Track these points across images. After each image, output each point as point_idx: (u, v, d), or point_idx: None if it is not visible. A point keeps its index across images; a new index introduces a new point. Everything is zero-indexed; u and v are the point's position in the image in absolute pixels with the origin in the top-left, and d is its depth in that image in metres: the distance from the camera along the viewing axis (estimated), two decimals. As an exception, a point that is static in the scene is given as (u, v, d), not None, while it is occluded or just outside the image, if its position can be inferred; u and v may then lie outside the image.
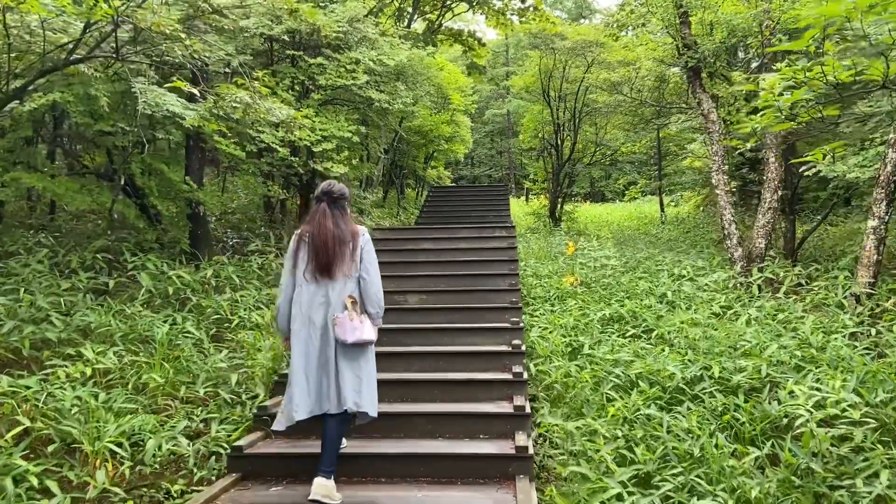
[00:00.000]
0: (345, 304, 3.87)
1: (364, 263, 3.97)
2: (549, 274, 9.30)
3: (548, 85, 15.11)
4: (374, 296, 3.97)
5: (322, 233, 3.88)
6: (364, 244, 4.00)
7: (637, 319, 7.29)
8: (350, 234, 3.96)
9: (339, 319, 3.82)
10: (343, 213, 4.01)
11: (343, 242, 3.90)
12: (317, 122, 8.60)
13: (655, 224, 18.70)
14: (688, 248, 12.45)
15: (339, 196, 4.02)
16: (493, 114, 30.96)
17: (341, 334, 3.80)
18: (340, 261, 3.89)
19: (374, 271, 4.00)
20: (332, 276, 3.87)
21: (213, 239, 9.68)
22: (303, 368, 3.84)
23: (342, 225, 3.94)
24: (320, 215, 3.95)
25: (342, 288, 3.90)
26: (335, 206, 3.99)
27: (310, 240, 3.93)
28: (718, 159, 8.79)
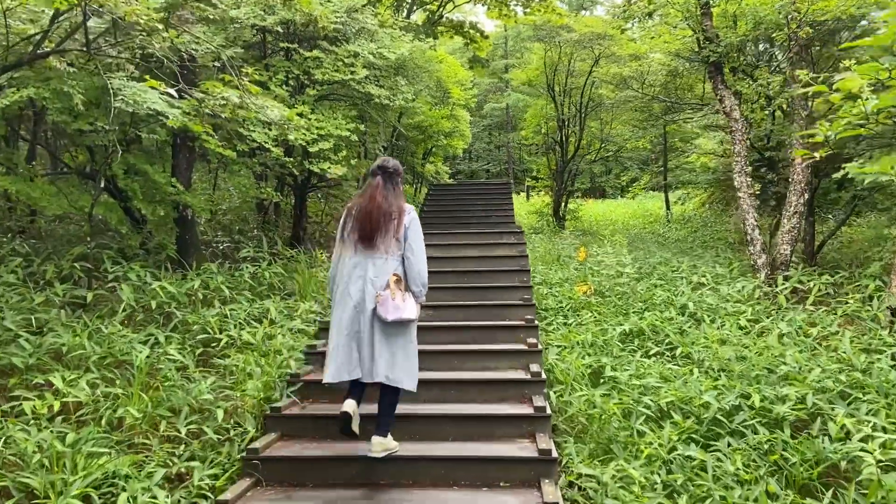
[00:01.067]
0: (387, 281, 3.92)
1: (409, 241, 4.04)
2: (560, 281, 8.76)
3: (552, 79, 14.53)
4: (417, 274, 4.04)
5: (369, 204, 4.00)
6: (409, 222, 4.07)
7: (658, 334, 6.76)
8: (397, 209, 4.04)
9: (381, 297, 3.88)
10: (395, 188, 4.14)
11: (388, 216, 3.98)
12: (313, 119, 8.01)
13: (661, 223, 18.18)
14: (700, 250, 11.92)
15: (394, 171, 4.16)
16: (491, 107, 30.34)
17: (383, 313, 3.86)
18: (383, 234, 3.97)
19: (420, 249, 4.07)
20: (373, 247, 3.95)
21: (202, 244, 9.10)
22: (335, 336, 3.96)
23: (391, 199, 4.05)
24: (373, 189, 4.07)
25: (383, 264, 3.97)
26: (389, 180, 4.12)
27: (357, 212, 4.04)
28: (741, 160, 8.25)
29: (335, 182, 10.10)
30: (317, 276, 8.11)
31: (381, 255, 3.97)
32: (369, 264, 3.96)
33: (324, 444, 4.32)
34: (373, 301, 3.91)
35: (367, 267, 3.96)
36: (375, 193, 4.05)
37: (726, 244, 13.45)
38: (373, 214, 3.97)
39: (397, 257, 4.03)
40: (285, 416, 4.51)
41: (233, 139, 8.05)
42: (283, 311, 6.87)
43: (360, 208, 4.05)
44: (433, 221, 11.05)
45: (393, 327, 3.92)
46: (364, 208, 4.03)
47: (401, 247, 4.03)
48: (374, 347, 3.90)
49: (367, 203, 4.04)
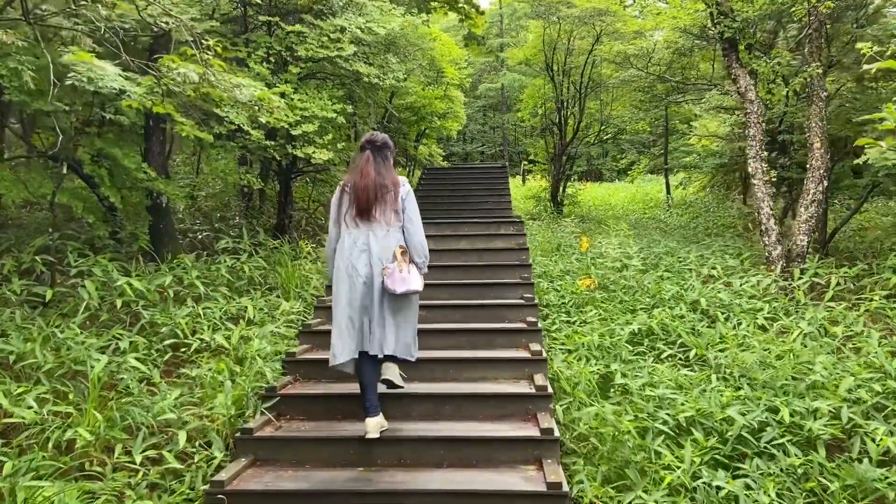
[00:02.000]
0: (393, 253, 3.98)
1: (407, 213, 4.08)
2: (561, 274, 8.22)
3: (551, 58, 13.88)
4: (418, 245, 4.10)
5: (364, 178, 4.00)
6: (406, 194, 4.11)
7: (669, 334, 6.26)
8: (392, 182, 4.07)
9: (388, 270, 3.92)
10: (385, 162, 4.13)
11: (384, 188, 4.01)
12: (296, 99, 7.40)
13: (661, 208, 17.65)
14: (707, 238, 11.38)
15: (382, 145, 4.17)
16: (486, 88, 29.60)
17: (391, 285, 3.89)
18: (381, 206, 4.00)
19: (418, 221, 4.13)
20: (371, 219, 3.98)
21: (179, 233, 8.51)
22: (346, 316, 3.94)
23: (384, 172, 4.06)
24: (363, 162, 4.09)
25: (385, 236, 4.01)
26: (378, 154, 4.13)
27: (352, 187, 4.05)
28: (756, 145, 7.69)
29: (322, 166, 9.50)
30: (301, 269, 7.55)
31: (382, 229, 4.01)
32: (371, 238, 3.99)
33: (301, 473, 3.80)
34: (380, 274, 3.95)
35: (369, 241, 3.99)
36: (367, 167, 4.06)
37: (733, 232, 12.94)
38: (368, 188, 3.99)
39: (398, 229, 4.07)
40: (257, 438, 3.97)
41: (210, 122, 7.45)
42: (262, 309, 6.32)
43: (355, 184, 4.06)
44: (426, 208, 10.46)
45: (400, 300, 3.98)
46: (358, 183, 4.04)
47: (400, 219, 4.07)
48: (385, 321, 3.93)
49: (360, 178, 4.04)
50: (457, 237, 7.32)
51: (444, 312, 5.63)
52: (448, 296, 5.98)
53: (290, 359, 4.93)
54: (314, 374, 4.89)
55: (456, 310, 5.67)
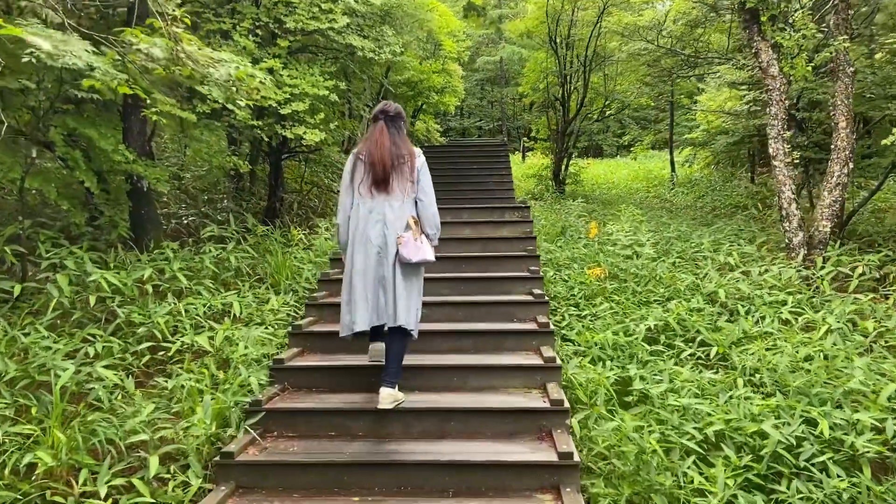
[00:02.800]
0: (407, 223, 3.98)
1: (421, 185, 4.08)
2: (568, 262, 7.77)
3: (554, 30, 13.27)
4: (431, 217, 4.10)
5: (379, 148, 3.98)
6: (421, 166, 4.09)
7: (688, 330, 5.83)
8: (408, 152, 4.06)
9: (403, 239, 3.92)
10: (400, 132, 4.10)
11: (400, 158, 4.00)
12: (285, 75, 6.86)
13: (666, 186, 17.17)
14: (719, 221, 10.91)
15: (396, 115, 4.12)
16: (484, 61, 28.82)
17: (406, 254, 3.89)
18: (398, 176, 4.00)
19: (431, 192, 4.13)
20: (388, 190, 3.97)
21: (164, 218, 8.01)
22: (361, 284, 3.92)
23: (399, 142, 4.05)
24: (377, 132, 4.05)
25: (400, 206, 4.00)
26: (392, 124, 4.08)
27: (366, 157, 4.03)
28: (778, 124, 7.19)
29: (315, 147, 8.98)
30: (292, 258, 7.08)
31: (398, 199, 4.00)
32: (386, 208, 3.98)
33: (289, 500, 3.37)
34: (395, 244, 3.93)
35: (384, 211, 3.97)
36: (382, 138, 4.03)
37: (743, 213, 12.50)
38: (385, 159, 3.97)
39: (412, 200, 4.07)
40: (239, 463, 3.53)
41: (194, 99, 6.93)
42: (250, 305, 5.86)
43: (370, 153, 4.03)
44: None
45: (410, 271, 3.99)
46: (374, 153, 4.01)
47: (414, 189, 4.06)
48: (397, 291, 3.91)
49: (375, 147, 4.01)
50: (460, 224, 6.83)
51: (447, 311, 5.17)
52: (450, 291, 5.52)
53: (279, 366, 4.47)
54: (305, 383, 4.45)
55: (460, 308, 5.21)
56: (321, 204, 10.20)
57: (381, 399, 3.90)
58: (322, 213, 9.93)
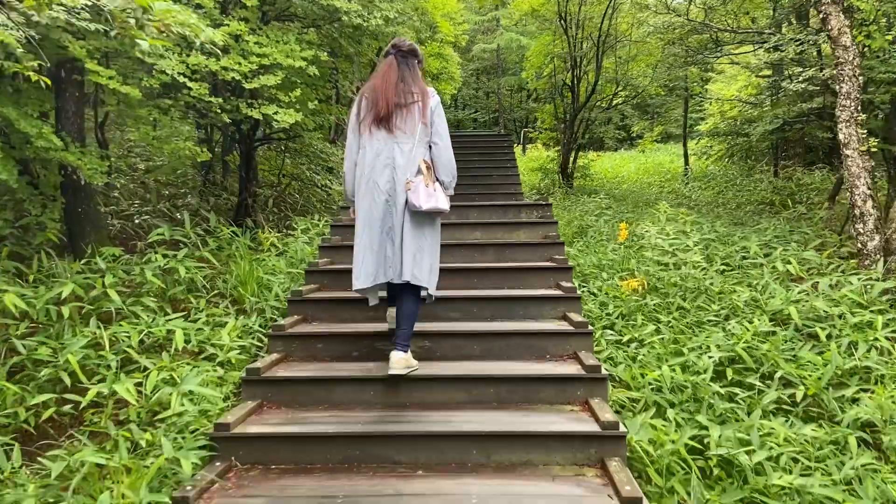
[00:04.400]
0: (419, 167, 3.68)
1: (435, 127, 3.76)
2: (594, 270, 6.51)
3: (564, 7, 11.97)
4: (446, 163, 3.78)
5: (385, 82, 3.70)
6: (435, 106, 3.77)
7: (761, 362, 4.58)
8: (419, 90, 3.74)
9: (412, 184, 3.62)
10: (411, 70, 3.79)
11: (409, 95, 3.68)
12: (251, 42, 5.55)
13: (679, 179, 15.94)
14: (762, 220, 9.66)
15: (409, 51, 3.83)
16: (481, 49, 27.48)
17: (415, 200, 3.58)
18: (405, 115, 3.69)
19: (447, 136, 3.80)
20: (393, 129, 3.67)
21: (107, 220, 6.68)
22: (367, 236, 3.65)
23: (408, 79, 3.74)
24: (386, 66, 3.80)
25: (410, 150, 3.69)
26: (404, 61, 3.79)
27: (371, 92, 3.75)
28: (851, 104, 5.95)
29: (294, 133, 7.66)
30: (260, 268, 5.79)
31: (408, 142, 3.69)
32: (395, 151, 3.68)
33: None
34: (404, 191, 3.64)
35: (393, 154, 3.68)
36: (390, 72, 3.74)
37: (771, 209, 11.28)
38: (389, 92, 3.66)
39: (425, 144, 3.76)
40: None
41: (139, 72, 5.62)
42: (203, 330, 4.56)
43: (374, 88, 3.74)
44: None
45: (422, 221, 3.66)
46: (378, 86, 3.72)
47: (427, 133, 3.74)
48: (404, 244, 3.60)
49: (381, 82, 3.72)
50: (468, 227, 5.53)
51: (457, 344, 3.88)
52: (461, 315, 4.23)
53: (223, 433, 3.13)
54: (262, 458, 3.13)
55: (474, 340, 3.90)
56: (302, 200, 8.89)
57: (393, 363, 3.50)
58: (304, 211, 8.62)
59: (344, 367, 3.58)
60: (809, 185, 12.34)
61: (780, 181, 13.24)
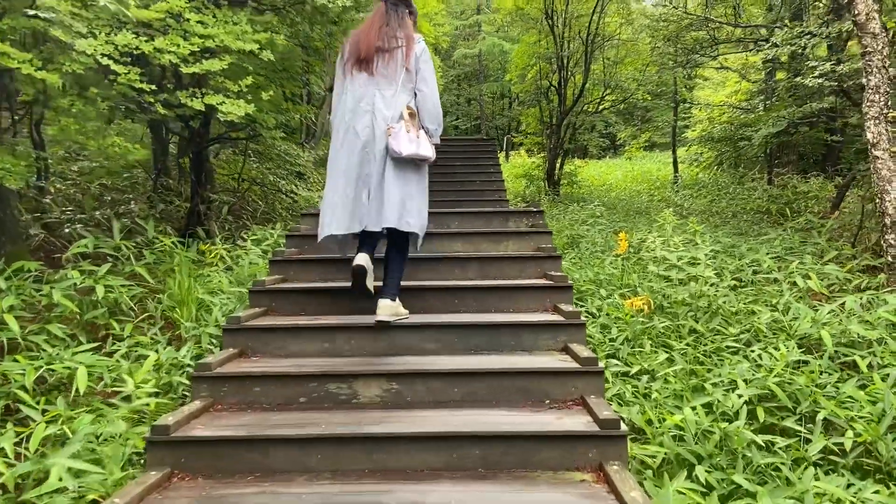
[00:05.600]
0: (401, 113, 3.55)
1: (421, 73, 3.62)
2: (591, 286, 5.75)
3: (551, 3, 11.28)
4: (432, 109, 3.64)
5: (369, 26, 3.64)
6: (421, 52, 3.64)
7: (795, 399, 3.84)
8: (404, 36, 3.62)
9: (393, 130, 3.50)
10: (399, 17, 3.68)
11: (393, 39, 3.58)
12: (193, 21, 4.73)
13: (668, 187, 15.31)
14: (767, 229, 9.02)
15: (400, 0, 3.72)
16: (462, 54, 26.81)
17: (396, 146, 3.45)
18: (387, 60, 3.56)
19: (433, 82, 3.68)
20: (375, 72, 3.55)
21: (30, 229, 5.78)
22: (343, 182, 3.51)
23: (394, 24, 3.63)
24: (374, 14, 3.71)
25: (393, 96, 3.57)
26: (394, 8, 3.68)
27: (355, 36, 3.69)
28: (880, 99, 5.26)
29: (252, 132, 6.84)
30: (210, 283, 4.94)
31: (390, 87, 3.56)
32: (377, 96, 3.55)
33: None
34: (384, 137, 3.50)
35: (374, 100, 3.55)
36: (376, 16, 3.65)
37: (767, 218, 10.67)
38: (371, 34, 3.56)
39: (409, 91, 3.62)
40: None
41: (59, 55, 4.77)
42: (119, 365, 3.70)
43: (359, 32, 3.67)
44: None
45: (406, 168, 3.52)
46: (362, 29, 3.67)
47: (412, 79, 3.60)
48: (385, 191, 3.45)
49: (366, 27, 3.65)
50: (448, 237, 4.70)
51: (431, 385, 3.04)
52: (440, 347, 3.40)
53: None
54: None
55: (454, 381, 3.04)
56: (266, 206, 8.04)
57: (379, 309, 3.44)
58: (266, 219, 7.77)
59: (286, 420, 2.76)
60: (807, 193, 11.74)
61: (776, 189, 12.64)
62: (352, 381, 3.03)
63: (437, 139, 3.69)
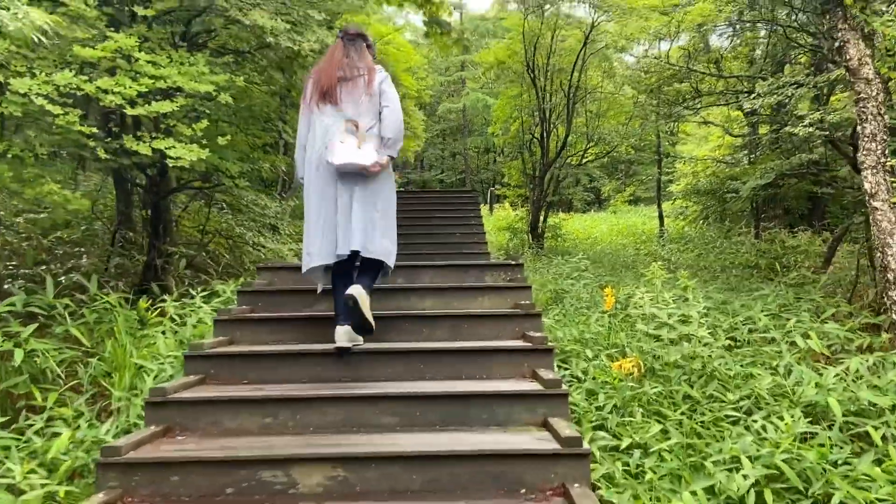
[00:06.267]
0: (348, 129, 3.58)
1: (385, 95, 3.67)
2: (576, 346, 5.31)
3: (532, 57, 11.18)
4: (394, 121, 3.65)
5: (329, 60, 3.74)
6: (381, 80, 3.70)
7: (806, 478, 3.39)
8: (365, 66, 3.72)
9: (330, 144, 3.55)
10: (357, 50, 3.77)
11: (353, 69, 3.67)
12: (143, 60, 4.39)
13: (654, 241, 15.05)
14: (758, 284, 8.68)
15: (356, 34, 3.84)
16: (447, 108, 26.92)
17: (329, 157, 3.53)
18: (349, 88, 3.64)
19: (397, 103, 3.71)
20: (337, 102, 3.62)
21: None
22: (315, 213, 3.60)
23: (353, 56, 3.74)
24: (332, 48, 3.83)
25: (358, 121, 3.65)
26: (351, 43, 3.78)
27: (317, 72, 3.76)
28: (877, 148, 4.99)
29: (217, 181, 6.46)
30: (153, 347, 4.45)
31: (356, 113, 3.64)
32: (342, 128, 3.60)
33: None
34: None
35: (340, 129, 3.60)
36: (335, 50, 3.76)
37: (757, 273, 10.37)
38: (332, 67, 3.66)
39: (373, 115, 3.66)
40: None
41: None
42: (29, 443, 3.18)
43: (319, 68, 3.77)
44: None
45: (371, 190, 3.61)
46: (322, 64, 3.76)
47: (375, 103, 3.65)
48: (352, 214, 3.53)
49: (326, 61, 3.76)
50: (417, 292, 4.27)
51: (387, 471, 2.51)
52: (397, 422, 2.91)
53: None
54: None
55: (413, 466, 2.56)
56: (233, 259, 7.61)
57: (338, 336, 3.41)
58: (232, 273, 7.31)
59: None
60: (796, 247, 11.49)
61: (764, 243, 12.39)
62: (290, 466, 2.54)
63: (395, 152, 3.69)
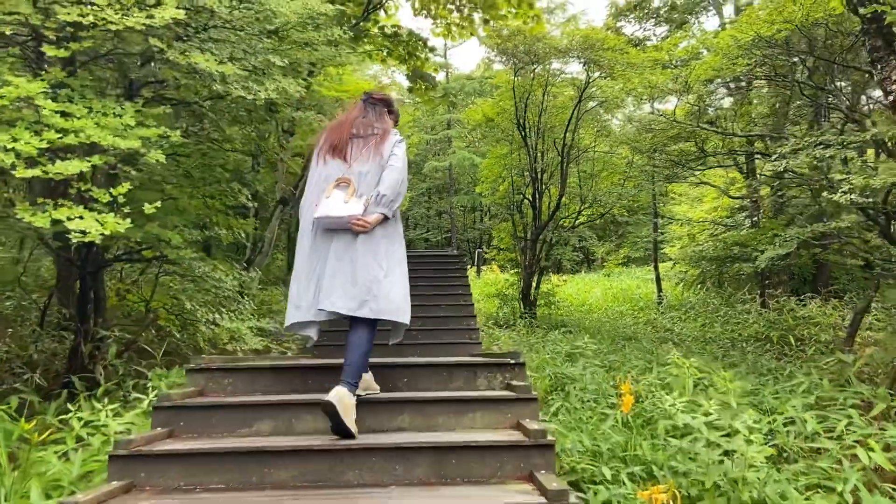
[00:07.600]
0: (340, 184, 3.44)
1: (394, 156, 3.48)
2: (587, 458, 4.31)
3: (523, 115, 10.50)
4: (391, 180, 3.43)
5: (346, 117, 3.65)
6: (396, 143, 3.55)
7: None
8: (381, 128, 3.58)
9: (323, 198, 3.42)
10: (377, 112, 3.66)
11: (369, 128, 3.55)
12: (47, 109, 3.51)
13: (653, 308, 14.17)
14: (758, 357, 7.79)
15: (380, 99, 3.73)
16: (432, 167, 26.35)
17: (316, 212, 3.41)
18: (360, 146, 3.51)
19: (403, 163, 3.51)
20: (345, 157, 3.51)
21: None
22: (300, 270, 3.47)
23: (371, 117, 3.62)
24: (352, 107, 3.73)
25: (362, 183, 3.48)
26: (372, 106, 3.68)
27: (331, 127, 3.69)
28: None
29: (158, 253, 5.51)
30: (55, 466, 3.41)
31: (360, 174, 3.47)
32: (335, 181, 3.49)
33: None
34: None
35: (332, 184, 3.47)
36: (353, 110, 3.66)
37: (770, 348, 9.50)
38: (345, 123, 3.58)
39: (379, 174, 3.46)
40: None
41: None
42: None
43: (335, 123, 3.68)
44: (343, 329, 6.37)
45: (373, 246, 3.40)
46: (339, 121, 3.66)
47: (383, 165, 3.46)
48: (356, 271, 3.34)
49: (343, 117, 3.66)
50: (390, 406, 3.27)
51: None
52: None
53: None
54: None
55: None
56: (184, 339, 6.58)
57: (330, 395, 3.03)
58: (180, 358, 6.28)
59: None
60: (808, 318, 10.66)
61: (773, 313, 11.56)
62: None
63: (389, 211, 3.42)
